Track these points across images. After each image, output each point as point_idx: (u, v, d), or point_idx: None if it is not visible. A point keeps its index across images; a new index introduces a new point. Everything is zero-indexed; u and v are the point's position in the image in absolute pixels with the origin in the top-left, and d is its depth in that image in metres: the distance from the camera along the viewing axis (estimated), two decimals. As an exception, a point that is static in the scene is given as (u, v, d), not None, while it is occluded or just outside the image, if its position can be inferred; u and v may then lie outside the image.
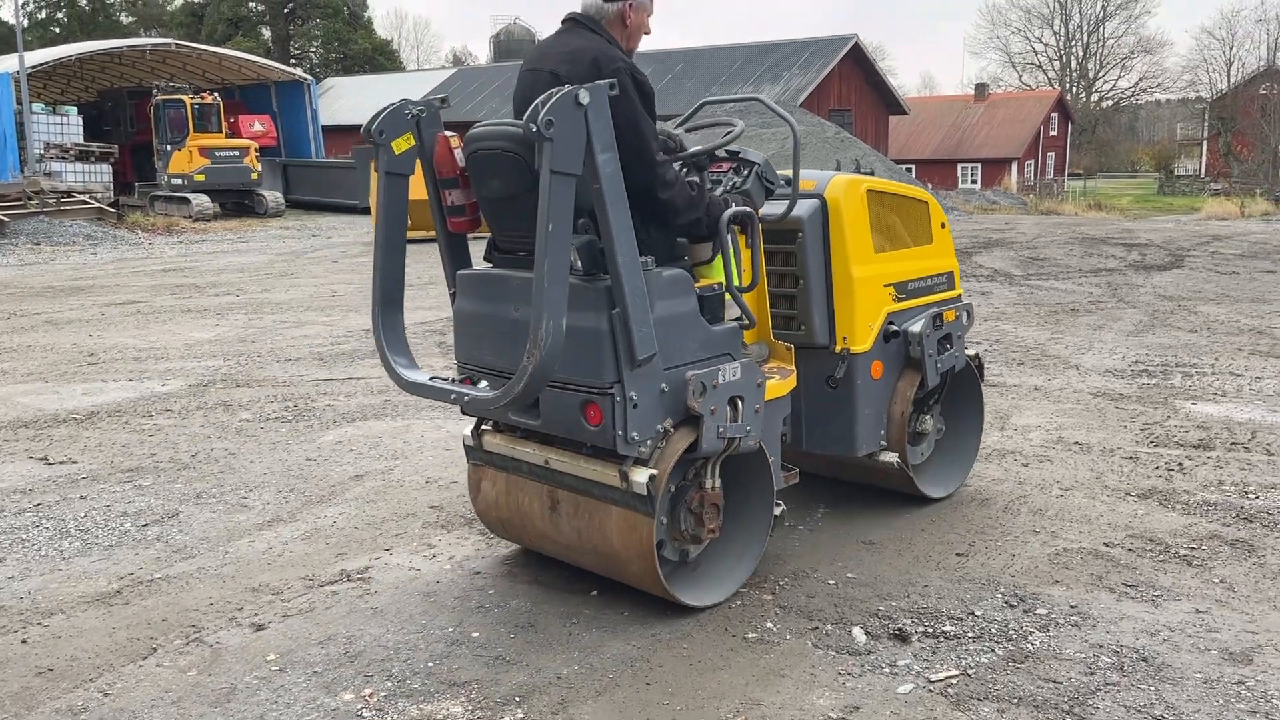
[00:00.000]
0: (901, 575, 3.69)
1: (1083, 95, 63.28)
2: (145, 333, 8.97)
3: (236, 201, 24.32)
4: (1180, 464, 4.86)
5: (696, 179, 3.54)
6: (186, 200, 22.78)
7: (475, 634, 3.30)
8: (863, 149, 27.28)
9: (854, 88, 39.54)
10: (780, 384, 3.62)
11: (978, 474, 4.74)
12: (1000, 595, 3.51)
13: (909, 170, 39.17)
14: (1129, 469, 4.81)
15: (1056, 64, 65.59)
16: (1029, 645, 3.16)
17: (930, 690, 2.91)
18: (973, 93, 58.44)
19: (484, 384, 3.48)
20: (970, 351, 4.50)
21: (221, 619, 3.45)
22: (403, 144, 3.51)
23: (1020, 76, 65.92)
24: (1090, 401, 6.05)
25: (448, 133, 3.56)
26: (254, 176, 24.23)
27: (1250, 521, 4.13)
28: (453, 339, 3.73)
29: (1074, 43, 65.23)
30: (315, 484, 4.84)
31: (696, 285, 3.39)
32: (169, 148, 23.78)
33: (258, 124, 27.48)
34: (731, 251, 3.44)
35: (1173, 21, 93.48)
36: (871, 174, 4.18)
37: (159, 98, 24.11)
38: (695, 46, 43.38)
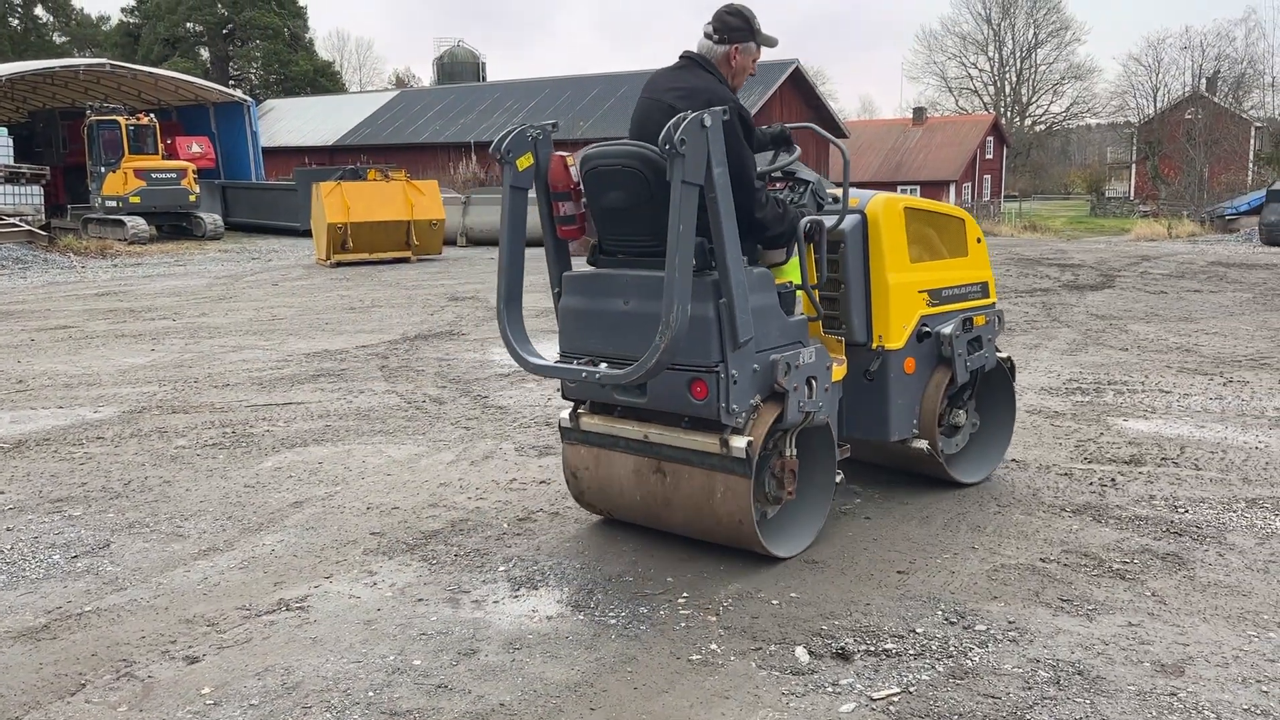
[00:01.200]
0: (844, 594, 3.72)
1: (1017, 120, 64.86)
2: (77, 358, 8.75)
3: (174, 224, 23.89)
4: (1113, 480, 4.97)
5: (779, 197, 4.14)
6: (121, 223, 22.32)
7: (417, 662, 3.26)
8: (805, 171, 27.65)
9: (795, 111, 40.09)
10: (839, 369, 4.27)
11: (918, 491, 4.80)
12: (940, 612, 3.55)
13: (850, 192, 39.60)
14: (1064, 485, 4.91)
15: (991, 89, 67.20)
16: (968, 661, 3.20)
17: (873, 709, 2.94)
18: (911, 116, 59.59)
19: (603, 366, 3.87)
20: (1002, 354, 4.98)
21: (154, 652, 3.36)
22: (524, 162, 4.07)
23: (957, 101, 67.41)
24: (1027, 419, 6.16)
25: (561, 152, 4.11)
26: (192, 199, 23.82)
27: (1180, 535, 4.23)
28: (558, 330, 4.23)
29: (1008, 69, 66.91)
30: (253, 511, 4.75)
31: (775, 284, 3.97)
32: (103, 169, 23.29)
33: (195, 145, 27.03)
34: (802, 255, 4.10)
35: (1101, 49, 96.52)
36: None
37: (93, 118, 23.64)
38: (641, 69, 43.70)
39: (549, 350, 4.22)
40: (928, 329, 4.59)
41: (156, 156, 23.92)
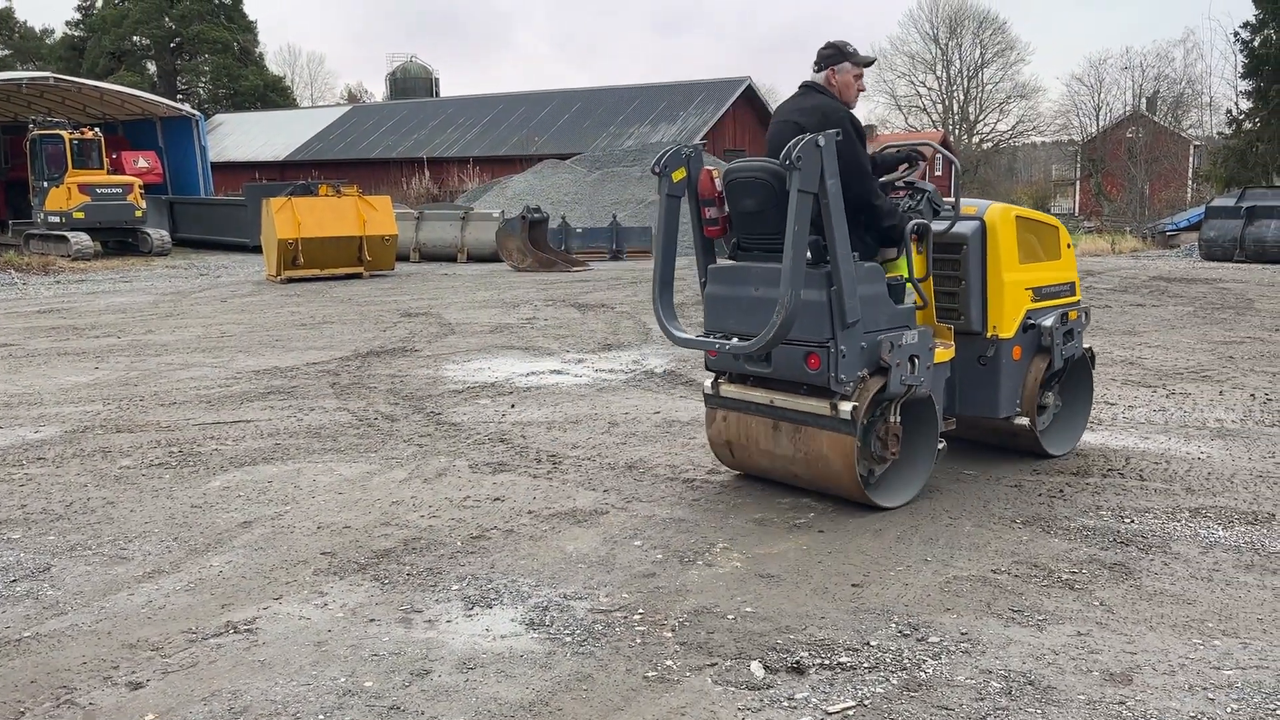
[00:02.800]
0: (799, 607, 3.73)
1: (965, 137, 65.97)
2: (17, 377, 8.54)
3: (119, 240, 23.41)
4: (1061, 491, 5.05)
5: (894, 200, 5.00)
6: (65, 239, 21.85)
7: (368, 683, 3.20)
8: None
9: (748, 128, 40.45)
10: (945, 352, 4.97)
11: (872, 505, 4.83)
12: (894, 625, 3.57)
13: (803, 209, 39.99)
14: (1014, 496, 4.97)
15: (940, 107, 68.31)
16: (922, 674, 3.22)
17: (828, 722, 2.94)
18: (862, 134, 60.12)
19: (735, 340, 4.71)
20: (1085, 345, 5.69)
21: (95, 678, 3.27)
22: (678, 175, 4.92)
23: (906, 119, 68.39)
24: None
25: (708, 166, 5.01)
26: (138, 214, 23.38)
27: (1126, 545, 4.30)
28: (703, 315, 5.08)
29: (955, 88, 68.10)
30: (200, 532, 4.65)
31: (885, 276, 4.72)
32: (46, 184, 22.80)
33: (142, 160, 26.62)
34: (911, 253, 4.87)
35: (1045, 68, 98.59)
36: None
37: (35, 132, 23.15)
38: (594, 86, 43.82)
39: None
40: (1032, 321, 5.34)
41: (102, 171, 23.46)
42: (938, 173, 57.45)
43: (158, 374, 8.63)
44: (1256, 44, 30.94)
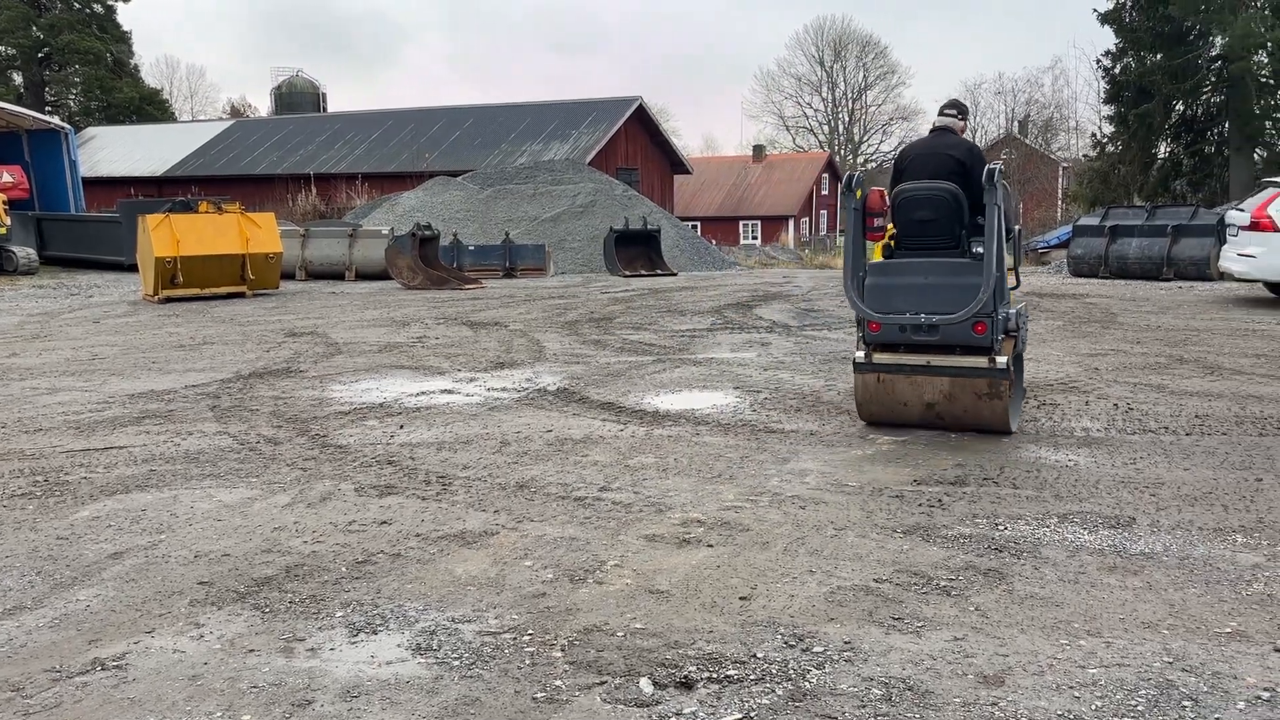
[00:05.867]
0: (688, 622, 3.76)
1: (850, 157, 67.88)
2: None
3: (-19, 258, 22.24)
4: (940, 500, 5.22)
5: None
6: (-79, 257, 20.65)
7: (246, 717, 3.10)
8: (650, 206, 28.14)
9: (640, 147, 40.81)
10: None
11: (759, 518, 4.91)
12: (780, 636, 3.63)
13: (694, 227, 40.63)
14: (895, 507, 5.12)
15: (826, 128, 70.14)
16: (807, 683, 3.28)
17: (715, 736, 2.96)
18: (751, 154, 61.44)
19: (923, 316, 6.33)
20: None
21: (-52, 724, 3.08)
22: (859, 193, 6.53)
23: (794, 139, 70.05)
24: (860, 444, 6.40)
25: (875, 187, 6.70)
26: (2, 231, 22.25)
27: (1000, 551, 4.47)
28: (867, 301, 6.54)
29: (840, 109, 70.03)
30: (66, 565, 4.43)
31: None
32: (-101, 200, 21.53)
33: (7, 175, 25.34)
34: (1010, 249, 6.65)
35: (925, 91, 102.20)
36: (658, 230, 5.75)
37: (-112, 145, 21.84)
38: (486, 103, 43.58)
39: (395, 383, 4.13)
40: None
41: (-39, 186, 22.26)
42: (824, 192, 58.94)
43: (22, 399, 8.21)
44: (1117, 71, 32.76)
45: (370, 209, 29.34)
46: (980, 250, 6.38)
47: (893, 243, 6.85)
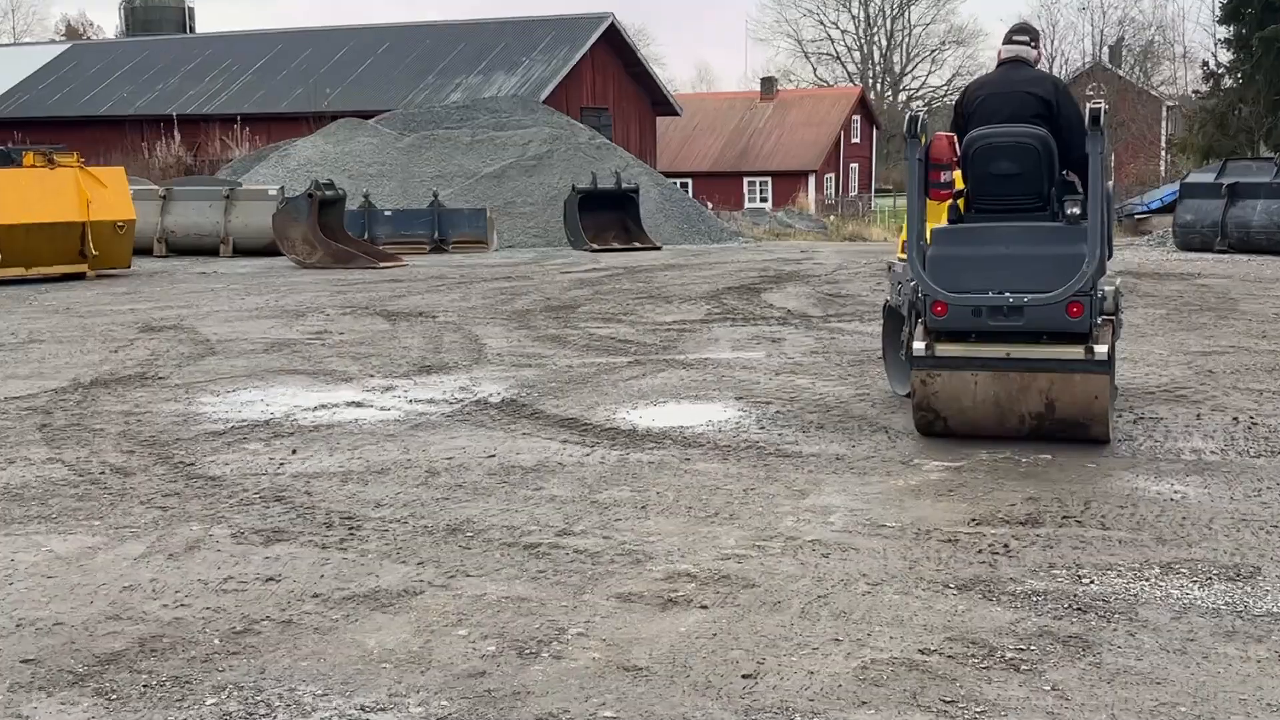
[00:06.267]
0: (674, 710, 3.77)
1: (889, 94, 68.04)
2: None
3: None
4: (1006, 545, 5.26)
5: None
6: None
7: (85, 841, 3.08)
8: (625, 158, 28.18)
9: (612, 81, 40.87)
10: None
11: (768, 571, 4.93)
12: (796, 726, 3.64)
13: (684, 185, 40.73)
14: (947, 554, 5.15)
15: (857, 55, 70.33)
16: (831, 788, 3.29)
17: None
18: (759, 89, 61.52)
19: (1007, 295, 6.42)
20: None
21: None
22: (923, 139, 6.58)
23: (815, 70, 70.27)
24: (902, 472, 6.44)
25: (941, 132, 6.87)
26: None
27: (1084, 612, 4.50)
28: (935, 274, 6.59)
29: (875, 30, 70.16)
30: None
31: None
32: None
33: None
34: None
35: (987, 8, 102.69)
36: (636, 190, 5.64)
37: None
38: (408, 22, 43.53)
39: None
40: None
41: None
42: (855, 140, 59.25)
43: None
44: (1237, -21, 32.83)
45: (253, 162, 29.27)
46: (1074, 211, 6.52)
47: (961, 203, 6.93)
